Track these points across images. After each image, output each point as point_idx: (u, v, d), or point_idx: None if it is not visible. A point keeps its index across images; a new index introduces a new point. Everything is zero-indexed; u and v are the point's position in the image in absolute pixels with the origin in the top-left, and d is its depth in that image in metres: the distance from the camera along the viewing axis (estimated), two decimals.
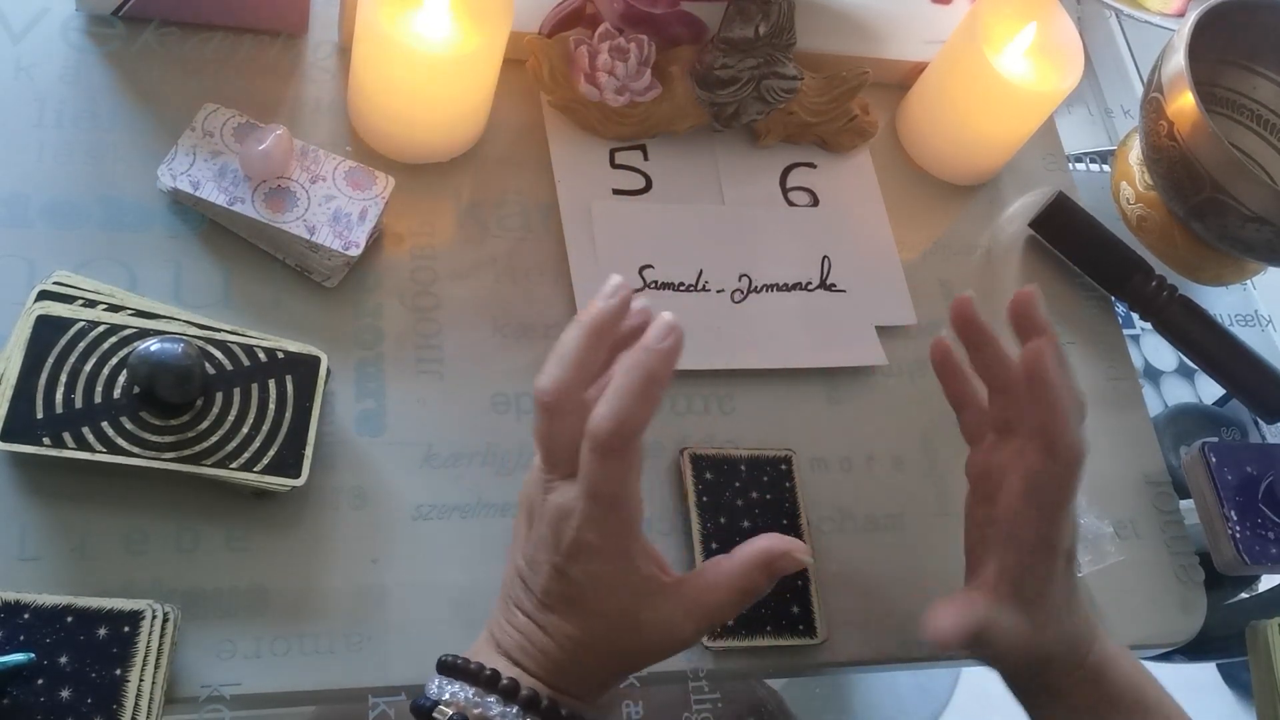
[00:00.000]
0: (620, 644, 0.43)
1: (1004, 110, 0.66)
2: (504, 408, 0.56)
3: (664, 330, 0.40)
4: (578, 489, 0.41)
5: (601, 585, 0.42)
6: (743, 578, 0.44)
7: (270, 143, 0.54)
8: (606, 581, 0.42)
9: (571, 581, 0.42)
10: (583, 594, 0.42)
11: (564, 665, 0.42)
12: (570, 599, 0.42)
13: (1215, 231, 0.65)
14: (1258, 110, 0.73)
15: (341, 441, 0.52)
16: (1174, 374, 0.85)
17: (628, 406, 0.40)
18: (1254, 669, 0.61)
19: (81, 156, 0.55)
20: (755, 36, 0.61)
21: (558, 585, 0.42)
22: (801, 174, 0.67)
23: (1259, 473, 0.64)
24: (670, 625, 0.43)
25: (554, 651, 0.42)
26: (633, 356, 0.40)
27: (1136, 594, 0.61)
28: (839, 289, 0.64)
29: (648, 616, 0.42)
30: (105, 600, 0.44)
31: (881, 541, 0.58)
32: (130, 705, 0.43)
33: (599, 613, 0.42)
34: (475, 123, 0.61)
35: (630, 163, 0.64)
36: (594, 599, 0.42)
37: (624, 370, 0.40)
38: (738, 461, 0.56)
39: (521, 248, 0.60)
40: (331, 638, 0.48)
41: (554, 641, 0.42)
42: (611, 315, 0.42)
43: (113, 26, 0.59)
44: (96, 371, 0.47)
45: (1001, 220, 0.71)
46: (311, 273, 0.55)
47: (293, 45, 0.62)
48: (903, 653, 0.56)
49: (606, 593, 0.42)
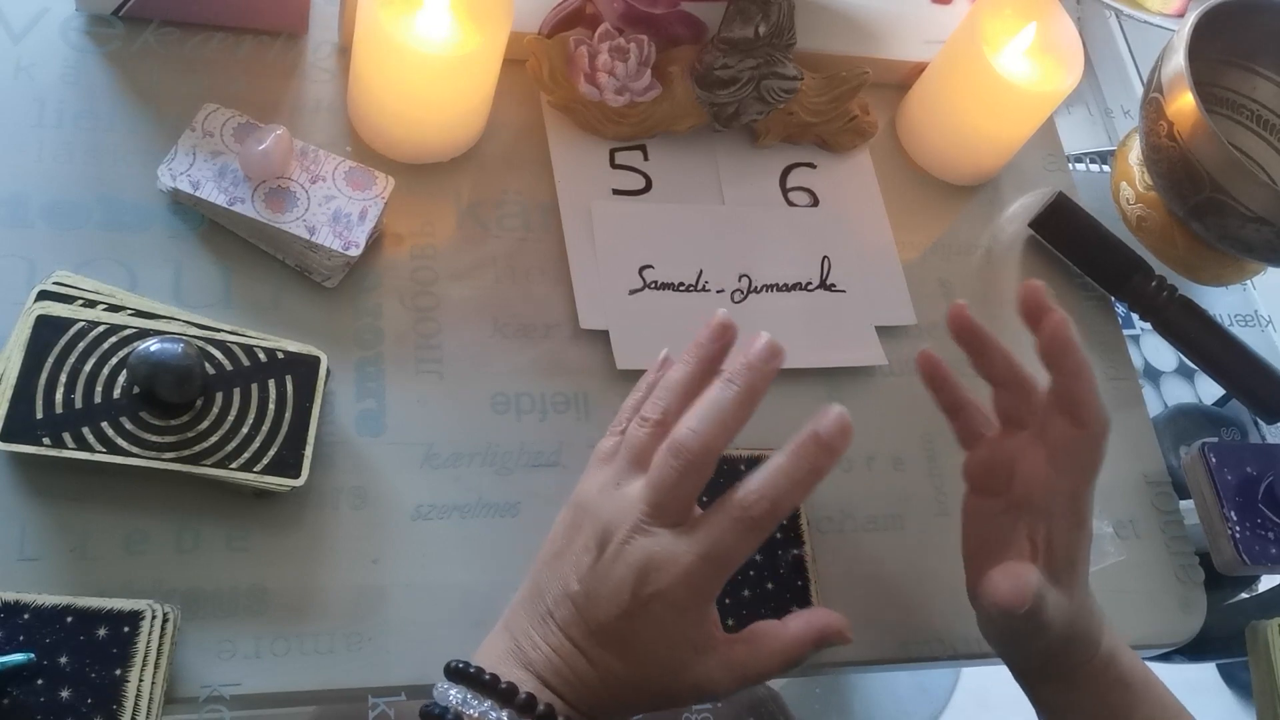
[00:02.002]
0: (661, 688, 0.42)
1: (1004, 110, 0.66)
2: (504, 408, 0.56)
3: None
4: (694, 547, 0.41)
5: (666, 637, 0.41)
6: (797, 650, 0.44)
7: (270, 143, 0.54)
8: (672, 635, 0.41)
9: (637, 627, 0.41)
10: (645, 640, 0.41)
11: (599, 696, 0.42)
12: (629, 642, 0.41)
13: (1215, 231, 0.65)
14: (1258, 110, 0.73)
15: (341, 441, 0.52)
16: (1174, 374, 0.85)
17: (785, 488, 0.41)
18: (1254, 669, 0.61)
19: (81, 156, 0.55)
20: (755, 36, 0.61)
21: (620, 625, 0.41)
22: (801, 174, 0.67)
23: (1259, 473, 0.64)
24: (713, 681, 0.43)
25: (593, 683, 0.42)
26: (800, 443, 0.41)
27: (1136, 594, 0.61)
28: (839, 289, 0.64)
29: (696, 670, 0.42)
30: (105, 600, 0.44)
31: (881, 541, 0.58)
32: (130, 705, 0.43)
33: (653, 659, 0.42)
34: (475, 123, 0.61)
35: (630, 163, 0.64)
36: (653, 647, 0.41)
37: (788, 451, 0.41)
38: (738, 461, 0.56)
39: (521, 248, 0.60)
40: (331, 638, 0.48)
41: (596, 674, 0.41)
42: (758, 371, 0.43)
43: (113, 26, 0.59)
44: (96, 371, 0.47)
45: (1001, 220, 0.71)
46: (311, 273, 0.55)
47: (293, 45, 0.62)
48: (902, 653, 0.56)
49: (669, 645, 0.42)
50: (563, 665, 0.42)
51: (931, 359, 0.53)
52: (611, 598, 0.41)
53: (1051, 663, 0.49)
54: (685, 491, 0.42)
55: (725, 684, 0.43)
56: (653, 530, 0.41)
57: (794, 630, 0.44)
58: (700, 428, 0.41)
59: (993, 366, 0.50)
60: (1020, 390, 0.49)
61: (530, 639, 0.42)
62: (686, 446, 0.41)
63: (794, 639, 0.44)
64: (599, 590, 0.41)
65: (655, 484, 0.42)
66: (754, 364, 0.42)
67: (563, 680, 0.41)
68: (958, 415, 0.53)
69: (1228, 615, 0.63)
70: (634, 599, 0.41)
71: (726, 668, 0.43)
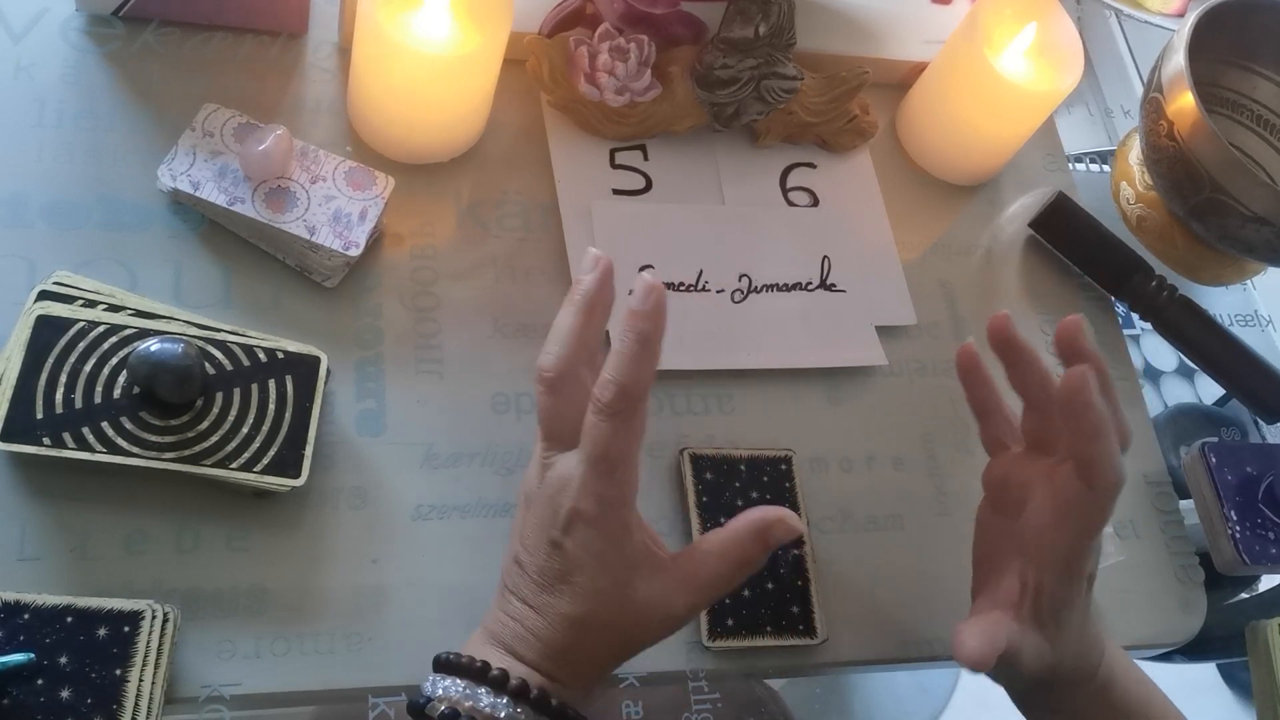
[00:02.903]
0: (615, 620, 0.43)
1: (1004, 110, 0.66)
2: (504, 408, 0.56)
3: (645, 291, 0.42)
4: (578, 455, 0.42)
5: (597, 558, 0.42)
6: (737, 547, 0.44)
7: (270, 143, 0.54)
8: (602, 554, 0.42)
9: (568, 555, 0.42)
10: (580, 567, 0.42)
11: (560, 648, 0.42)
12: (566, 574, 0.42)
13: (1215, 231, 0.65)
14: (1258, 110, 0.73)
15: (341, 441, 0.52)
16: (1174, 374, 0.85)
17: (627, 368, 0.41)
18: (1254, 669, 0.61)
19: (81, 156, 0.55)
20: (755, 36, 0.61)
21: (554, 562, 0.42)
22: (801, 174, 0.67)
23: (1259, 473, 0.64)
24: (665, 599, 0.43)
25: (549, 634, 0.42)
26: (624, 323, 0.42)
27: (1136, 594, 0.61)
28: (839, 289, 0.64)
29: (642, 591, 0.43)
30: (105, 600, 0.44)
31: (881, 541, 0.58)
32: (130, 705, 0.43)
33: (594, 589, 0.42)
34: (475, 123, 0.61)
35: (630, 163, 0.64)
36: (590, 573, 0.42)
37: (619, 337, 0.42)
38: (737, 461, 0.56)
39: (521, 248, 0.60)
40: (331, 638, 0.48)
41: (548, 624, 0.42)
42: (597, 286, 0.44)
43: (113, 26, 0.59)
44: (96, 371, 0.47)
45: (1001, 220, 0.71)
46: (311, 273, 0.55)
47: (293, 45, 0.62)
48: (902, 653, 0.56)
49: (602, 566, 0.42)
50: (521, 630, 0.43)
51: (972, 354, 0.52)
52: (538, 535, 0.43)
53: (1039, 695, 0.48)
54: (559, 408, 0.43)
55: (682, 600, 0.43)
56: (554, 460, 0.43)
57: (735, 527, 0.44)
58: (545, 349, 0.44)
59: (1028, 385, 0.49)
60: (1051, 417, 0.48)
61: (495, 616, 0.44)
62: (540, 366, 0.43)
63: (735, 534, 0.44)
64: (532, 537, 0.43)
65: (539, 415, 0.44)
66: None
67: (524, 644, 0.42)
68: (987, 419, 0.52)
69: (1228, 615, 0.63)
70: (554, 526, 0.42)
71: (675, 581, 0.43)
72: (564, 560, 0.42)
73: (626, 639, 0.44)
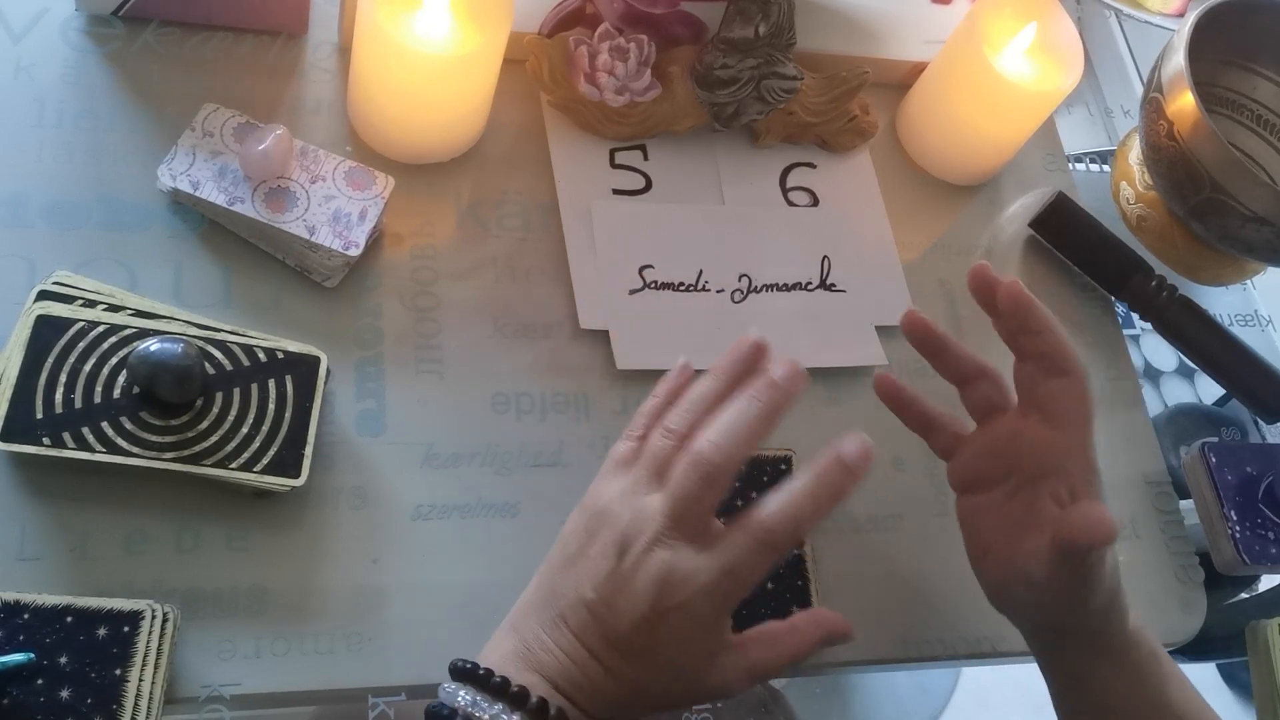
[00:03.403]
0: (677, 692, 0.43)
1: (1004, 110, 0.66)
2: (504, 408, 0.56)
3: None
4: (714, 563, 0.41)
5: (685, 647, 0.42)
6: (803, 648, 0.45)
7: (270, 143, 0.54)
8: (691, 645, 0.42)
9: (658, 637, 0.41)
10: (664, 649, 0.41)
11: (612, 701, 0.42)
12: (648, 651, 0.41)
13: (1215, 231, 0.65)
14: (1258, 110, 0.73)
15: (341, 441, 0.52)
16: (1174, 374, 0.85)
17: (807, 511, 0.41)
18: (1254, 669, 0.61)
19: (81, 156, 0.55)
20: (755, 36, 0.61)
21: (640, 637, 0.41)
22: (801, 174, 0.67)
23: (1259, 473, 0.64)
24: (727, 682, 0.43)
25: (608, 689, 0.42)
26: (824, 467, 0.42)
27: (1136, 594, 0.60)
28: (839, 289, 0.64)
29: (715, 676, 0.43)
30: (105, 600, 0.44)
31: (881, 541, 0.58)
32: (130, 705, 0.43)
33: (672, 668, 0.42)
34: (475, 123, 0.61)
35: (630, 163, 0.64)
36: (672, 655, 0.42)
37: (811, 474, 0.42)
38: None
39: (521, 248, 0.60)
40: (331, 638, 0.48)
41: (613, 681, 0.42)
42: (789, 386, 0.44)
43: (113, 26, 0.59)
44: (96, 371, 0.47)
45: (1001, 220, 0.71)
46: (311, 273, 0.55)
47: (293, 45, 0.62)
48: (902, 653, 0.56)
49: (687, 654, 0.42)
50: (576, 671, 0.41)
51: (889, 382, 0.54)
52: (630, 608, 0.41)
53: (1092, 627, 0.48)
54: (705, 505, 0.42)
55: (738, 683, 0.44)
56: (672, 543, 0.42)
57: (802, 629, 0.45)
58: (722, 441, 0.42)
59: (957, 363, 0.51)
60: (988, 378, 0.50)
61: (541, 643, 0.42)
62: (708, 459, 0.42)
63: (802, 637, 0.45)
64: (616, 599, 0.41)
65: (676, 496, 0.42)
66: (779, 384, 0.43)
67: (575, 686, 0.41)
68: (931, 431, 0.53)
69: (1228, 615, 0.63)
70: (653, 610, 0.41)
71: (739, 669, 0.43)
72: (651, 638, 0.41)
73: (678, 703, 0.44)
